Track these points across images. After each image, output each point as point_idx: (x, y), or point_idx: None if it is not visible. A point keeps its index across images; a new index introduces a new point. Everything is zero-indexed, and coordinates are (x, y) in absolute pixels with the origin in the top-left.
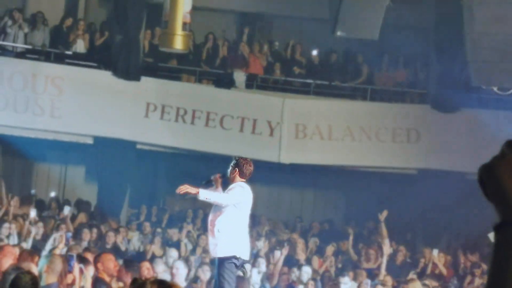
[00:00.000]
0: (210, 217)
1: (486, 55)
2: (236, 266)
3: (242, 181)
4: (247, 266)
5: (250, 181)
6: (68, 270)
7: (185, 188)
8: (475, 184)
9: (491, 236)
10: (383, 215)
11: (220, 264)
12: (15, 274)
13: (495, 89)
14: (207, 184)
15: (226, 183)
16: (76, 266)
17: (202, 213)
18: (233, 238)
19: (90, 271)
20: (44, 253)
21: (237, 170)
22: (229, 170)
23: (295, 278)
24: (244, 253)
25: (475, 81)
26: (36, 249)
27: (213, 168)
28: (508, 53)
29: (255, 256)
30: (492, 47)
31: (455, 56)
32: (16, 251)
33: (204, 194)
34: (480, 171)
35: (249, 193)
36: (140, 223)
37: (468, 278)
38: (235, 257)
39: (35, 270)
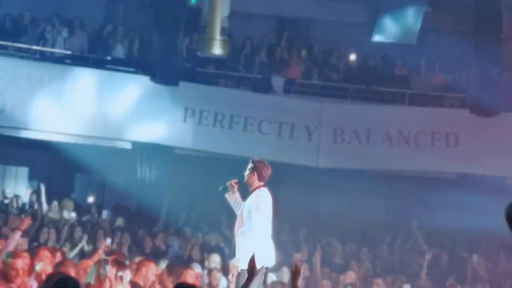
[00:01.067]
0: (235, 229)
1: None
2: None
3: (260, 184)
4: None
5: (288, 185)
6: (104, 274)
7: (234, 271)
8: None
9: None
10: (415, 225)
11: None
12: (56, 278)
13: None
14: (224, 190)
15: (243, 188)
16: (112, 271)
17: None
18: (259, 249)
19: (127, 275)
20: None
21: (256, 173)
22: (246, 174)
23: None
24: (269, 261)
25: None
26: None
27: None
28: None
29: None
30: None
31: (493, 60)
32: (55, 255)
33: (247, 254)
34: (508, 209)
35: (269, 199)
36: (179, 227)
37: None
38: (261, 268)
39: (72, 274)
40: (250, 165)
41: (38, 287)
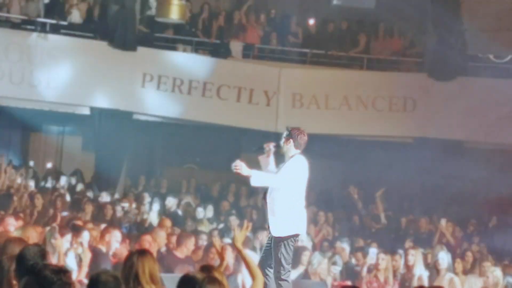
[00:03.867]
0: (267, 195)
1: (482, 23)
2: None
3: (296, 152)
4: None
5: (246, 151)
6: (52, 242)
7: (238, 169)
8: (472, 152)
9: None
10: (380, 193)
11: (277, 243)
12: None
13: (491, 57)
14: (258, 150)
15: (278, 154)
16: (59, 239)
17: (195, 183)
18: (291, 217)
19: (83, 239)
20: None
21: (292, 141)
22: (282, 142)
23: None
24: (301, 229)
25: (471, 49)
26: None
27: (209, 138)
28: (503, 21)
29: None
30: (488, 15)
31: (451, 24)
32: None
33: (256, 180)
34: None
35: (305, 166)
36: (138, 193)
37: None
38: (293, 236)
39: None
40: (285, 133)
41: None
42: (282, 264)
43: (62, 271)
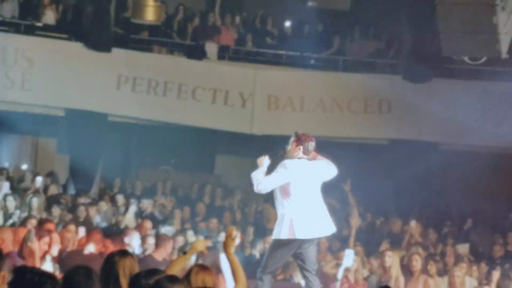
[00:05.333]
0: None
1: (457, 25)
2: (290, 248)
3: (304, 157)
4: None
5: (223, 152)
6: (29, 244)
7: (259, 160)
8: (447, 155)
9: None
10: (348, 185)
11: (270, 244)
12: None
13: (466, 59)
14: (276, 156)
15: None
16: (35, 239)
17: (170, 185)
18: (283, 222)
19: (52, 242)
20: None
21: (302, 147)
22: (289, 148)
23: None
24: (300, 234)
25: (446, 51)
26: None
27: (184, 140)
28: (478, 23)
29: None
30: (463, 17)
31: (426, 26)
32: None
33: (254, 173)
34: None
35: (296, 169)
36: (113, 195)
37: (439, 248)
38: (283, 240)
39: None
40: (293, 139)
41: None
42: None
43: (50, 275)
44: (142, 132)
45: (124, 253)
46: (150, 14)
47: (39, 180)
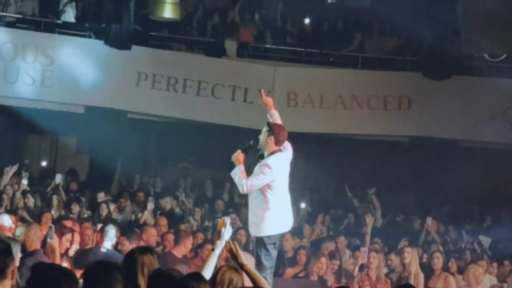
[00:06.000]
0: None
1: (477, 21)
2: (274, 243)
3: (276, 149)
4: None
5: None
6: (49, 242)
7: (235, 157)
8: (466, 151)
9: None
10: (372, 191)
11: (257, 242)
12: None
13: (486, 55)
14: (246, 150)
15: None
16: (55, 236)
17: (190, 182)
18: (270, 217)
19: (73, 239)
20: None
21: (273, 137)
22: (262, 138)
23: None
24: (286, 226)
25: (466, 48)
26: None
27: (203, 137)
28: (498, 19)
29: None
30: (483, 14)
31: (446, 23)
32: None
33: (234, 174)
34: None
35: (280, 165)
36: (132, 192)
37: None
38: (269, 237)
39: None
40: (266, 128)
41: None
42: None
43: (67, 272)
44: (162, 129)
45: (144, 250)
46: (170, 12)
47: (58, 177)
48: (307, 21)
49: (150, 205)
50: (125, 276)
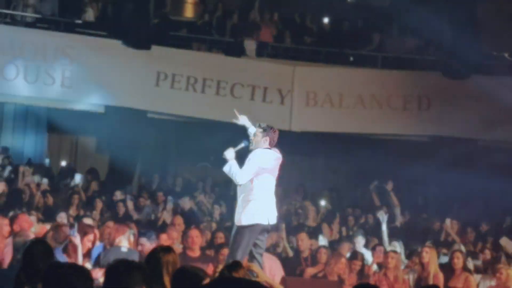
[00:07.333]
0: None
1: (497, 21)
2: (256, 234)
3: (265, 146)
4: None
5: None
6: (71, 236)
7: (228, 155)
8: (486, 151)
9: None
10: (390, 186)
11: (236, 231)
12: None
13: (506, 55)
14: (238, 151)
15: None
16: (78, 235)
17: (210, 181)
18: (253, 207)
19: (95, 239)
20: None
21: (268, 139)
22: (256, 139)
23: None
24: (266, 219)
25: (486, 48)
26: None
27: (222, 137)
28: None
29: None
30: (503, 14)
31: (466, 23)
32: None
33: (226, 167)
34: None
35: (269, 158)
36: (152, 192)
37: (479, 246)
38: (251, 226)
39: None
40: (260, 130)
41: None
42: (238, 252)
43: (82, 271)
44: (181, 128)
45: (167, 249)
46: (189, 11)
47: (78, 177)
48: (326, 20)
49: (170, 205)
50: (147, 275)
